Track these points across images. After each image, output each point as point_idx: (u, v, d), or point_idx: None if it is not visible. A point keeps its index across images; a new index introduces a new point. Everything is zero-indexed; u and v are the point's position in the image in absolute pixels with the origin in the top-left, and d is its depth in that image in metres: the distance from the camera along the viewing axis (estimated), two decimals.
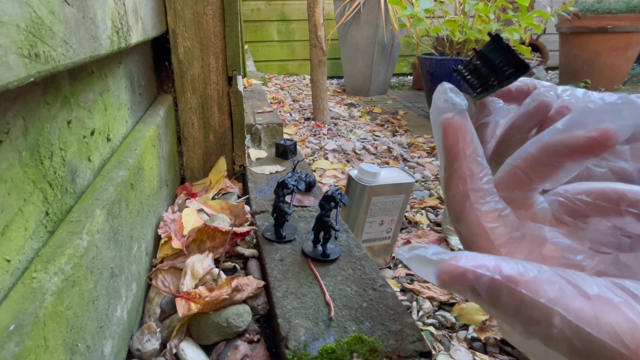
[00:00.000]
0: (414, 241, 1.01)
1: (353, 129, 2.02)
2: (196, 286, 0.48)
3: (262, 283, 0.48)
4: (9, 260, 0.25)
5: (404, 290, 0.84)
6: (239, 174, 0.83)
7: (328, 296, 0.44)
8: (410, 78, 3.62)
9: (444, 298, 0.80)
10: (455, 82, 0.23)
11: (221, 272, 0.50)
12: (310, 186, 0.71)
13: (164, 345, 0.43)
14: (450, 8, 2.07)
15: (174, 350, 0.41)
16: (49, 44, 0.26)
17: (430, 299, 0.81)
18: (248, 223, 0.62)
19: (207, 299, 0.43)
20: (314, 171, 1.45)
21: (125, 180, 0.43)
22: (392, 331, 0.40)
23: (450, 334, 0.72)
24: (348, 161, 1.58)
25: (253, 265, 0.54)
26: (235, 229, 0.56)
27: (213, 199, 0.72)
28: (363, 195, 0.81)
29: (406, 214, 1.15)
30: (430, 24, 2.02)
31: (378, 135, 1.93)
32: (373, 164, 1.07)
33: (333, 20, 2.85)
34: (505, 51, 0.21)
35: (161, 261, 0.54)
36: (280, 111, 2.33)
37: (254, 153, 0.90)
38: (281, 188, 0.54)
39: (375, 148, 1.73)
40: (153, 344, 0.42)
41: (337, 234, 0.49)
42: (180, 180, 0.81)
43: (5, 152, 0.25)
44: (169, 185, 0.70)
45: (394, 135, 1.95)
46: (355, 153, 1.67)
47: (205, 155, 0.80)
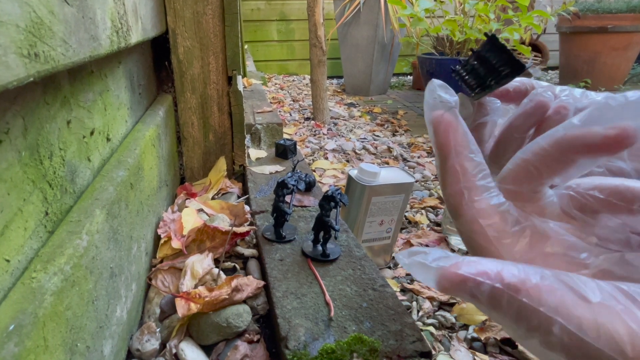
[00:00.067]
0: (414, 241, 1.01)
1: (353, 129, 2.02)
2: (196, 286, 0.48)
3: (262, 283, 0.48)
4: (8, 260, 0.25)
5: (404, 290, 0.84)
6: (239, 174, 0.83)
7: (328, 296, 0.44)
8: (410, 78, 3.62)
9: (444, 298, 0.80)
10: (454, 83, 0.23)
11: (221, 272, 0.50)
12: (310, 186, 0.71)
13: (163, 345, 0.43)
14: (450, 8, 2.07)
15: (174, 351, 0.41)
16: (49, 44, 0.26)
17: (430, 299, 0.81)
18: (248, 223, 0.62)
19: (207, 299, 0.43)
20: (314, 171, 1.45)
21: (124, 180, 0.43)
22: (392, 331, 0.40)
23: (450, 334, 0.72)
24: (348, 161, 1.58)
25: (253, 265, 0.54)
26: (235, 229, 0.56)
27: (213, 198, 0.72)
28: (363, 195, 0.81)
29: (406, 214, 1.15)
30: (430, 24, 2.02)
31: (378, 135, 1.93)
32: (373, 163, 1.07)
33: (333, 20, 2.85)
34: (501, 52, 0.21)
35: (161, 261, 0.54)
36: (280, 111, 2.33)
37: (254, 153, 0.90)
38: (281, 188, 0.54)
39: (375, 148, 1.73)
40: (153, 344, 0.42)
41: (337, 234, 0.49)
42: (180, 180, 0.81)
43: (4, 152, 0.25)
44: (169, 185, 0.70)
45: (393, 135, 1.95)
46: (355, 153, 1.67)
47: (205, 155, 0.80)
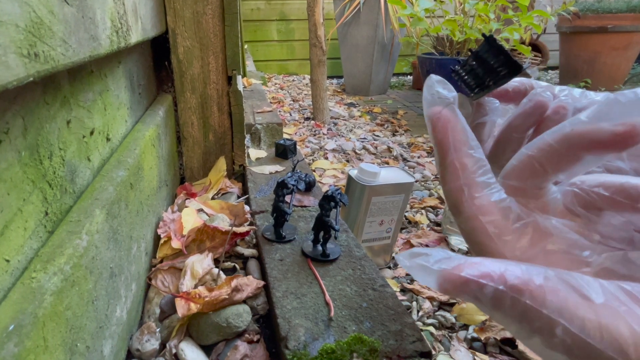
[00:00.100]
0: (414, 241, 1.01)
1: (353, 129, 2.02)
2: (196, 286, 0.48)
3: (262, 283, 0.48)
4: (8, 260, 0.25)
5: (403, 290, 0.84)
6: (239, 174, 0.83)
7: (328, 296, 0.44)
8: (410, 78, 3.62)
9: (444, 298, 0.80)
10: (453, 83, 0.23)
11: (221, 272, 0.50)
12: (310, 186, 0.71)
13: (163, 345, 0.43)
14: (450, 7, 2.06)
15: (174, 351, 0.41)
16: (49, 44, 0.26)
17: (430, 299, 0.81)
18: (248, 223, 0.62)
19: (207, 299, 0.43)
20: (314, 171, 1.45)
21: (124, 180, 0.43)
22: (392, 331, 0.40)
23: (450, 334, 0.72)
24: (348, 161, 1.58)
25: (253, 265, 0.54)
26: (234, 229, 0.56)
27: (213, 198, 0.72)
28: (363, 195, 0.81)
29: (406, 214, 1.15)
30: (430, 24, 2.02)
31: (378, 135, 1.93)
32: (373, 163, 1.07)
33: (333, 19, 2.85)
34: (498, 52, 0.21)
35: (161, 261, 0.54)
36: (280, 111, 2.33)
37: (254, 153, 0.90)
38: (281, 188, 0.54)
39: (375, 148, 1.73)
40: (152, 344, 0.42)
41: (337, 233, 0.49)
42: (180, 180, 0.81)
43: (4, 152, 0.25)
44: (169, 185, 0.70)
45: (393, 135, 1.95)
46: (355, 153, 1.67)
47: (205, 155, 0.80)
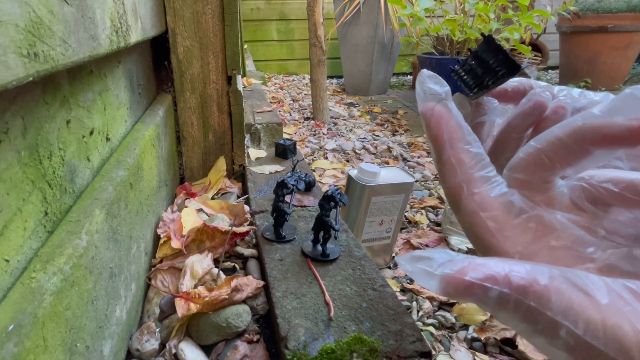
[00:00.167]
0: (414, 241, 1.01)
1: (353, 129, 2.02)
2: (195, 286, 0.48)
3: (262, 283, 0.48)
4: (7, 260, 0.24)
5: (403, 290, 0.84)
6: (239, 174, 0.83)
7: (328, 296, 0.44)
8: (410, 77, 3.62)
9: (444, 298, 0.80)
10: (453, 83, 0.23)
11: (220, 272, 0.50)
12: (309, 186, 0.71)
13: (163, 345, 0.43)
14: (450, 7, 2.07)
15: (173, 351, 0.41)
16: (48, 44, 0.25)
17: (430, 299, 0.81)
18: (247, 223, 0.62)
19: (207, 299, 0.43)
20: (314, 171, 1.45)
21: (124, 180, 0.43)
22: (392, 331, 0.40)
23: (450, 334, 0.72)
24: (348, 161, 1.58)
25: (252, 265, 0.54)
26: (234, 229, 0.56)
27: (212, 198, 0.72)
28: (363, 195, 0.81)
29: (406, 214, 1.15)
30: (430, 24, 2.02)
31: (378, 135, 1.93)
32: (373, 163, 1.07)
33: (333, 19, 2.84)
34: (497, 52, 0.21)
35: (160, 261, 0.54)
36: (279, 111, 2.33)
37: (254, 153, 0.90)
38: (281, 188, 0.54)
39: (375, 148, 1.73)
40: (152, 344, 0.42)
41: (337, 233, 0.49)
42: (180, 180, 0.81)
43: (4, 152, 0.25)
44: (168, 185, 0.70)
45: (393, 134, 1.95)
46: (355, 153, 1.67)
47: (205, 154, 0.80)
